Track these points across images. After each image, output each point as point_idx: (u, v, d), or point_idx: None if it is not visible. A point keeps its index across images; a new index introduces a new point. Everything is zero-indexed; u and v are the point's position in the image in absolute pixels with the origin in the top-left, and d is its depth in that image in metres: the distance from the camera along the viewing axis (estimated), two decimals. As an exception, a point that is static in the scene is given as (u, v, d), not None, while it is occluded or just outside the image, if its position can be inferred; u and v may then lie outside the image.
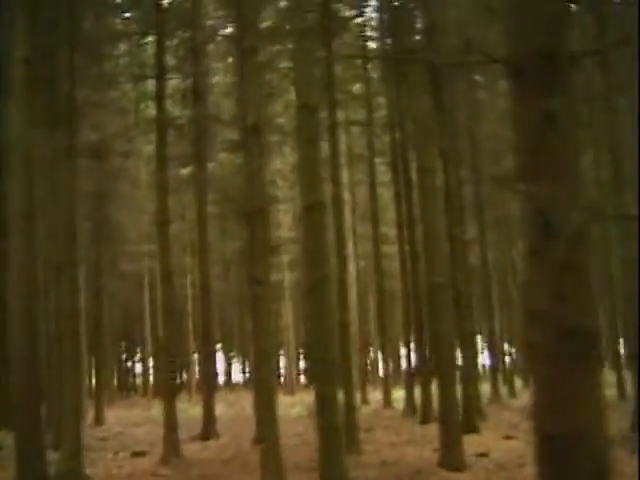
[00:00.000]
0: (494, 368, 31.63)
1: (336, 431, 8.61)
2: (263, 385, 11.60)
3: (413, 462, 15.46)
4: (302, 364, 55.68)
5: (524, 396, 32.21)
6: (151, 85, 28.42)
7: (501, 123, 23.84)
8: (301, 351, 53.02)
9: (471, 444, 17.38)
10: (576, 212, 4.37)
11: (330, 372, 8.60)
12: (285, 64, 20.85)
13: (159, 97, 18.67)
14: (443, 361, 13.97)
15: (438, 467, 14.20)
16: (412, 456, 16.34)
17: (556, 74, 4.51)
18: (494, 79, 23.36)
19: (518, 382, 37.06)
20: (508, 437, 18.06)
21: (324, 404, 8.49)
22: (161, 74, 18.55)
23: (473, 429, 19.08)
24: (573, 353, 4.36)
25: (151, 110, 27.61)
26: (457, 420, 14.19)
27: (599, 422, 4.42)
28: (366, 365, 45.11)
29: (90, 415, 29.48)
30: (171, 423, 17.83)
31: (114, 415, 31.61)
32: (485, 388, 30.12)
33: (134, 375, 59.88)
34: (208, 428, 21.67)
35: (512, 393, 32.96)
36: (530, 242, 4.56)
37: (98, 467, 17.19)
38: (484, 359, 49.45)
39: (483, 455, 15.82)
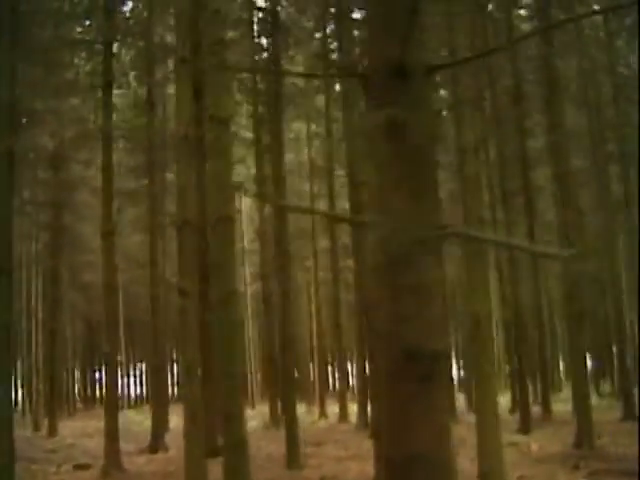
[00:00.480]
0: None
1: (242, 448, 8.48)
2: (189, 399, 11.41)
3: (352, 477, 15.39)
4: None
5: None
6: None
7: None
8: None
9: (415, 460, 17.30)
10: (419, 230, 4.29)
11: (235, 387, 8.49)
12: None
13: (106, 106, 18.49)
14: (378, 376, 13.85)
15: (372, 484, 14.11)
16: (354, 471, 16.25)
17: (404, 86, 4.44)
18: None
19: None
20: (452, 453, 17.96)
21: (230, 420, 8.36)
22: (108, 84, 18.38)
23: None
24: (414, 375, 4.28)
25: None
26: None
27: (441, 445, 4.33)
28: (327, 378, 44.77)
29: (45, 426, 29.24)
30: (112, 435, 17.65)
31: (71, 426, 31.30)
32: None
33: (101, 387, 59.25)
34: (157, 440, 21.46)
35: (471, 407, 32.86)
36: (374, 261, 4.48)
37: (36, 480, 17.02)
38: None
39: (424, 471, 15.72)
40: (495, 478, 10.76)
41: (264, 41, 25.76)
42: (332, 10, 22.45)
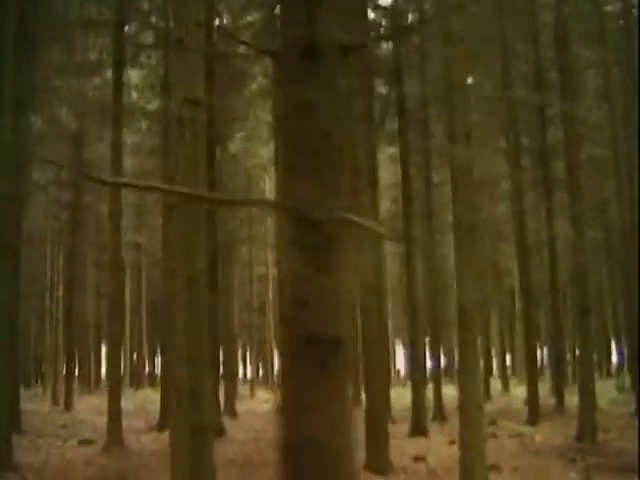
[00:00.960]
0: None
1: (205, 432, 8.49)
2: (176, 378, 11.41)
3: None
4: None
5: (500, 400, 31.99)
6: (133, 74, 28.50)
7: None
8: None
9: (414, 447, 17.27)
10: (325, 214, 4.20)
11: (199, 369, 8.49)
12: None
13: (116, 86, 18.57)
14: (369, 364, 13.85)
15: (364, 470, 14.07)
16: (350, 457, 16.19)
17: (314, 66, 4.36)
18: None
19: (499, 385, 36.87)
20: (452, 442, 17.87)
21: (193, 400, 8.36)
22: (118, 63, 18.46)
23: (422, 432, 18.94)
24: (312, 360, 4.22)
25: (130, 99, 27.68)
26: (384, 422, 14.06)
27: (336, 433, 4.25)
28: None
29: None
30: (115, 413, 17.85)
31: (89, 402, 31.68)
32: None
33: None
34: (165, 419, 21.64)
35: (487, 396, 32.58)
36: (285, 242, 4.42)
37: (40, 454, 17.20)
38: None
39: (420, 459, 15.67)
40: (476, 470, 10.65)
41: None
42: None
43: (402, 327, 48.78)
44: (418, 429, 18.89)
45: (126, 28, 23.71)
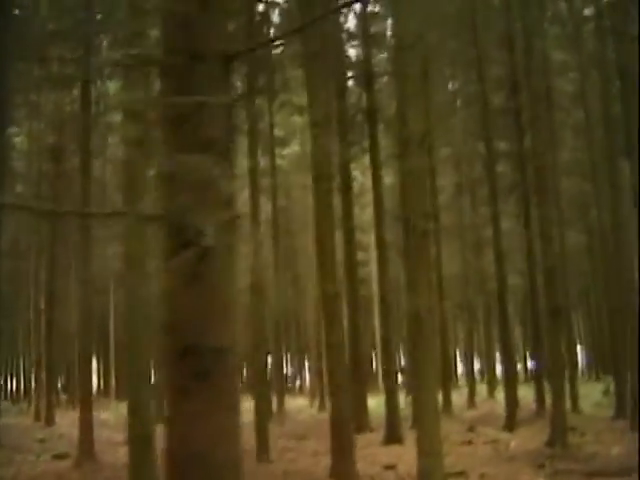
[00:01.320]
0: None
1: (148, 442, 8.43)
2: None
3: (314, 472, 15.27)
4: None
5: (484, 406, 31.85)
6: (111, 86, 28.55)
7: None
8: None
9: (387, 455, 17.17)
10: (197, 224, 4.17)
11: (142, 380, 8.44)
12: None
13: (83, 100, 18.48)
14: (335, 372, 13.78)
15: (330, 478, 14.01)
16: (320, 466, 16.07)
17: (198, 74, 4.34)
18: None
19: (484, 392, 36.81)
20: (424, 449, 17.77)
21: (135, 414, 8.31)
22: (85, 80, 18.40)
23: (397, 440, 18.85)
24: (192, 371, 4.17)
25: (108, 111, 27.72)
26: (348, 430, 13.98)
27: (221, 445, 4.20)
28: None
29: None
30: (87, 426, 17.78)
31: (72, 417, 31.41)
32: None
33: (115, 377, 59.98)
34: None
35: (471, 402, 32.48)
36: (164, 252, 4.37)
37: (10, 469, 17.12)
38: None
39: (390, 467, 15.59)
40: (435, 478, 10.59)
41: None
42: None
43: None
44: (393, 437, 18.80)
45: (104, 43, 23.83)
